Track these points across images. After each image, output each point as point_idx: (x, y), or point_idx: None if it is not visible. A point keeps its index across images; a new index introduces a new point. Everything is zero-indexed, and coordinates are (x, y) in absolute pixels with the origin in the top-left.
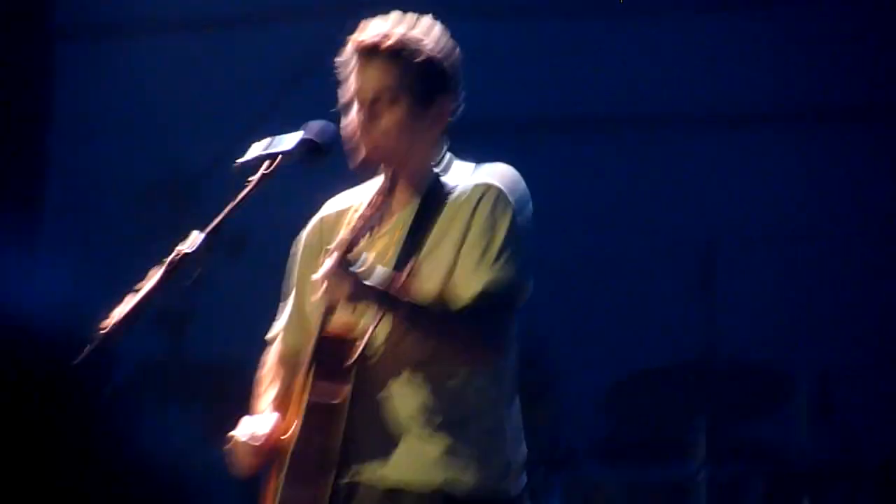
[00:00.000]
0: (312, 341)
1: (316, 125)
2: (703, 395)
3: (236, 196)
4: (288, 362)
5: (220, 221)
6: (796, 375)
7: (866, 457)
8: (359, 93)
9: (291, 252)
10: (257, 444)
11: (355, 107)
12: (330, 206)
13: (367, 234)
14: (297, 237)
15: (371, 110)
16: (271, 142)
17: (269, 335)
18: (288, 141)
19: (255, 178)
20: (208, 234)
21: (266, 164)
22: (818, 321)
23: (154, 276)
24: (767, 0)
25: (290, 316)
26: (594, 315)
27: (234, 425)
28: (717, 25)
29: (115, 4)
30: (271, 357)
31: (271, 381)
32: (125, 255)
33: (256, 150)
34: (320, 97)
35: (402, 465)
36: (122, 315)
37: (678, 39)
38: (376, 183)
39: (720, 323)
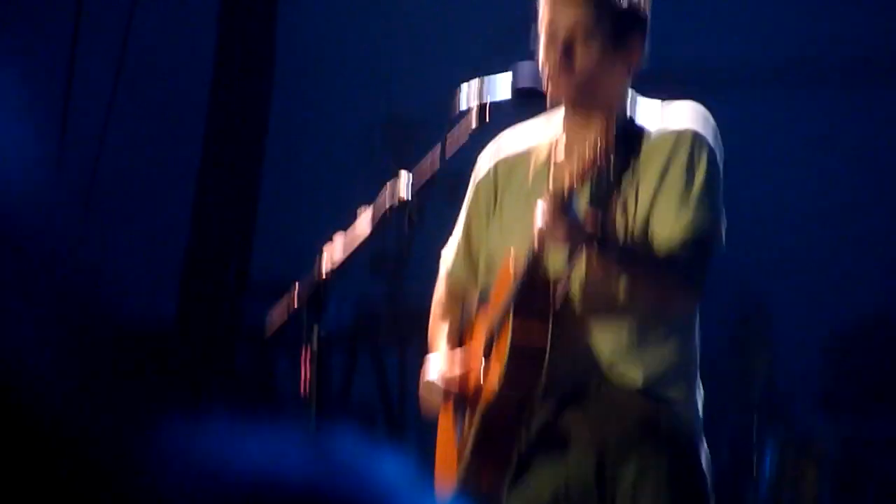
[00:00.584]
0: (506, 281)
1: (525, 67)
2: None
3: (450, 141)
4: (456, 293)
5: (435, 172)
6: None
7: None
8: (553, 30)
9: (470, 184)
10: (453, 385)
11: (549, 44)
12: (505, 148)
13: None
14: (476, 170)
15: (565, 48)
16: (482, 84)
17: (443, 258)
18: (501, 86)
19: (470, 124)
20: (423, 185)
21: (480, 113)
22: None
23: (365, 217)
24: None
25: (458, 251)
26: (817, 265)
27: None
28: None
29: None
30: (443, 283)
31: (443, 313)
32: (344, 198)
33: (467, 93)
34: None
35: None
36: (337, 258)
37: None
38: (551, 120)
39: None
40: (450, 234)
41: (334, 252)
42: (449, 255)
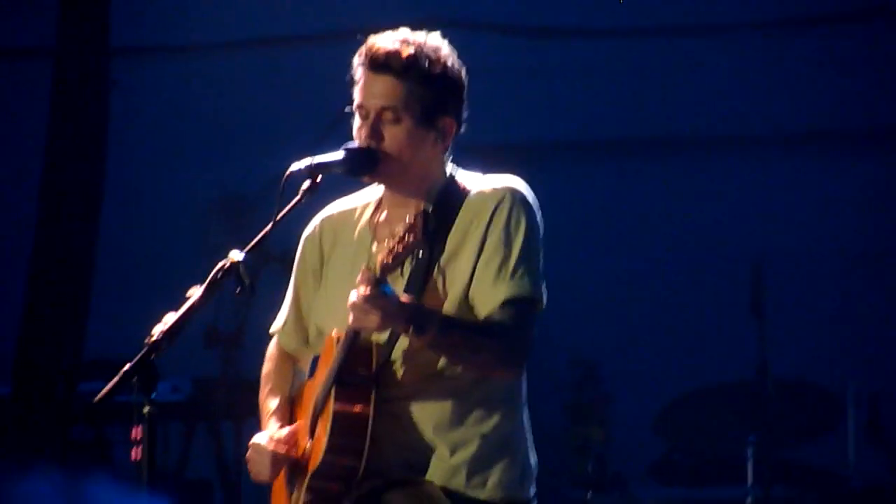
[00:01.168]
0: (330, 349)
1: (355, 147)
2: (754, 416)
3: (281, 208)
4: (286, 362)
5: (265, 233)
6: (847, 396)
7: None
8: (361, 108)
9: (299, 249)
10: (279, 453)
11: (360, 125)
12: (333, 207)
13: (404, 261)
14: (303, 236)
15: (374, 125)
16: (312, 161)
17: (273, 328)
18: (332, 154)
19: (303, 187)
20: (253, 245)
21: (311, 176)
22: (868, 342)
23: (196, 293)
24: (813, 20)
25: (287, 317)
26: (645, 336)
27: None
28: (765, 44)
29: (171, 26)
30: (272, 354)
31: (273, 387)
32: (178, 278)
33: (300, 163)
34: None
35: (429, 473)
36: (165, 327)
37: (728, 60)
38: (376, 188)
39: (771, 344)
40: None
41: (165, 321)
42: (281, 318)
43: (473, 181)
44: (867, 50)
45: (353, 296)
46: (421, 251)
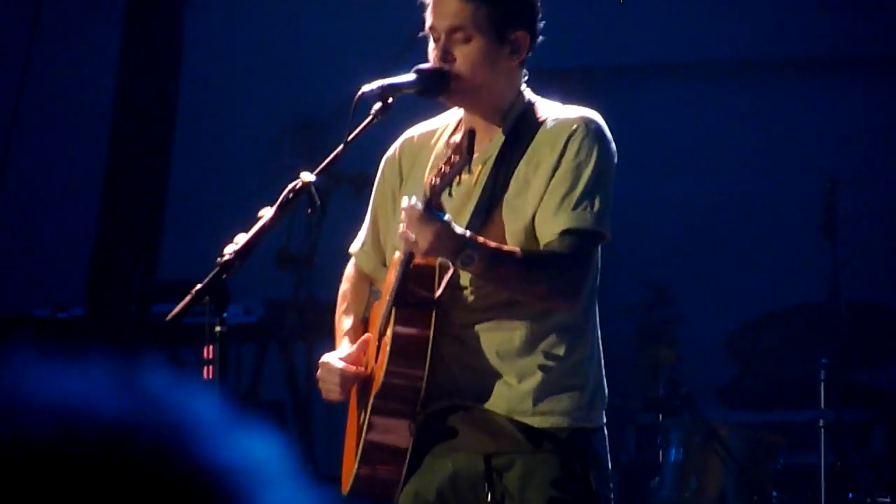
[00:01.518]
0: (394, 268)
1: (426, 67)
2: (826, 339)
3: (352, 129)
4: (363, 282)
5: (337, 154)
6: None
7: None
8: (432, 29)
9: (379, 170)
10: (349, 372)
11: (434, 45)
12: (414, 130)
13: (451, 182)
14: (384, 157)
15: (445, 47)
16: (384, 82)
17: (352, 248)
18: (403, 75)
19: (374, 108)
20: (324, 167)
21: (382, 97)
22: None
23: (267, 213)
24: None
25: (366, 238)
26: (716, 258)
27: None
28: None
29: None
30: (349, 274)
31: (348, 307)
32: (250, 201)
33: (370, 84)
34: None
35: (497, 398)
36: (237, 247)
37: None
38: (458, 111)
39: (843, 267)
40: (357, 232)
41: (237, 242)
42: (360, 238)
43: (550, 110)
44: None
45: (404, 217)
46: (468, 170)
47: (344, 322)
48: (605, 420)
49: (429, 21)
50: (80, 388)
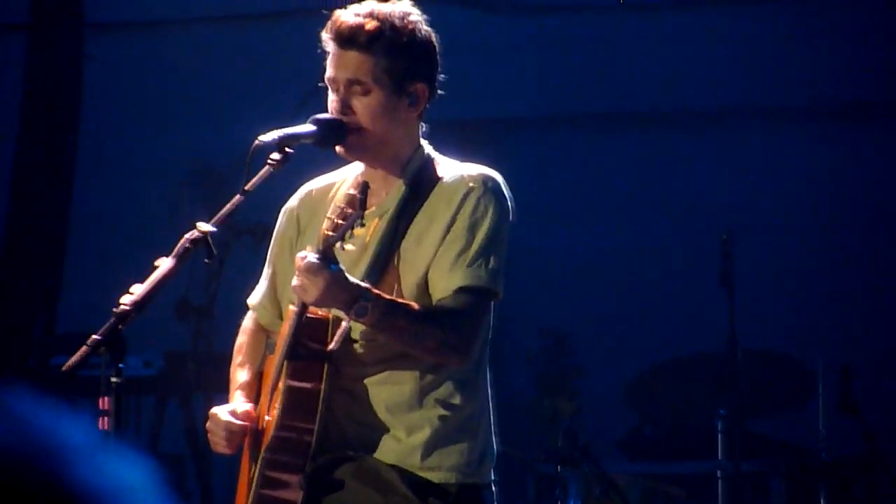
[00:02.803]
0: (288, 321)
1: (324, 117)
2: (724, 389)
3: (249, 179)
4: (260, 335)
5: (234, 203)
6: (817, 369)
7: (887, 451)
8: (332, 81)
9: (277, 222)
10: (235, 425)
11: (331, 91)
12: (314, 183)
13: (345, 235)
14: (282, 209)
15: (343, 99)
16: (281, 132)
17: (250, 300)
18: (300, 128)
19: (272, 159)
20: (221, 217)
21: (280, 147)
22: (839, 314)
23: (164, 263)
24: None
25: (264, 289)
26: (615, 308)
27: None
28: (734, 18)
29: (145, 1)
30: (246, 327)
31: (243, 360)
32: (154, 250)
33: (269, 134)
34: None
35: (386, 452)
36: (133, 297)
37: (698, 34)
38: (358, 164)
39: (741, 316)
40: (256, 284)
41: (133, 292)
42: (257, 291)
43: (448, 166)
44: (833, 26)
45: (297, 265)
46: (360, 223)
47: (238, 375)
48: (493, 477)
49: (329, 72)
50: None
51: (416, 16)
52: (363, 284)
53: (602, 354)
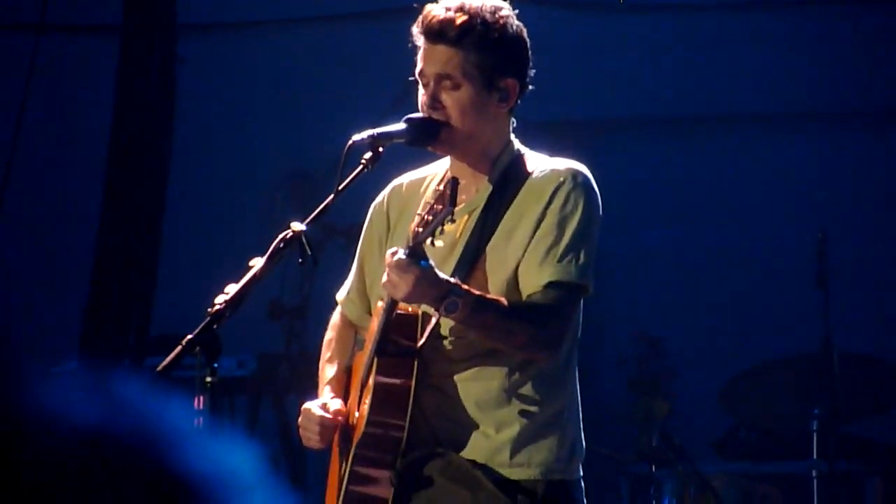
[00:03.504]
0: (377, 317)
1: (416, 117)
2: (819, 391)
3: (343, 178)
4: (348, 330)
5: (327, 203)
6: None
7: None
8: (422, 76)
9: (367, 218)
10: (328, 420)
11: (423, 92)
12: (404, 178)
13: (434, 231)
14: (372, 205)
15: (433, 94)
16: (374, 131)
17: (338, 295)
18: (394, 125)
19: (365, 158)
20: (314, 216)
21: (373, 146)
22: None
23: (258, 263)
24: None
25: (352, 285)
26: (710, 311)
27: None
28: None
29: (238, 2)
30: (335, 322)
31: (332, 355)
32: (247, 253)
33: (361, 133)
34: None
35: (474, 449)
36: (227, 297)
37: (794, 33)
38: (447, 160)
39: (835, 318)
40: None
41: (227, 292)
42: (346, 286)
43: (538, 162)
44: None
45: (387, 261)
46: (450, 219)
47: (327, 370)
48: (581, 472)
49: (419, 66)
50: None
51: (507, 10)
52: (452, 280)
53: (695, 357)
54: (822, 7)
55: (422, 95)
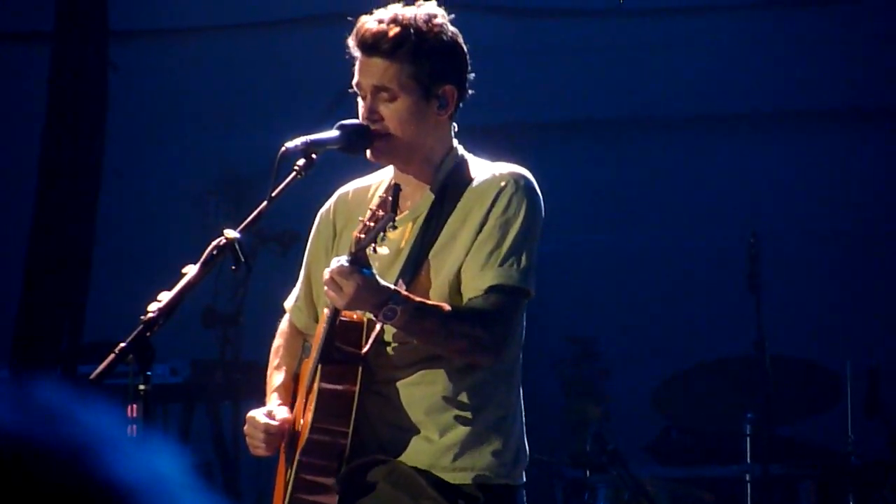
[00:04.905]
0: (322, 323)
1: (349, 123)
2: (752, 393)
3: (276, 185)
4: (296, 338)
5: (261, 210)
6: (844, 373)
7: None
8: (359, 87)
9: (314, 226)
10: (273, 427)
11: (362, 102)
12: (349, 186)
13: (376, 237)
14: (319, 212)
15: (371, 106)
16: (307, 138)
17: (286, 303)
18: (326, 134)
19: (298, 165)
20: (248, 223)
21: (306, 153)
22: (867, 317)
23: (191, 270)
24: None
25: (299, 293)
26: (643, 313)
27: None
28: (760, 22)
29: (169, 8)
30: (283, 330)
31: (279, 362)
32: (180, 258)
33: (294, 143)
34: None
35: (418, 454)
36: (161, 304)
37: (725, 37)
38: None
39: (767, 320)
40: (284, 290)
41: (160, 299)
42: (294, 294)
43: (480, 167)
44: (863, 29)
45: (326, 272)
46: (392, 226)
47: (275, 377)
48: (524, 479)
49: (355, 78)
50: None
51: (442, 17)
52: (392, 287)
53: (629, 359)
54: (756, 9)
55: (360, 108)
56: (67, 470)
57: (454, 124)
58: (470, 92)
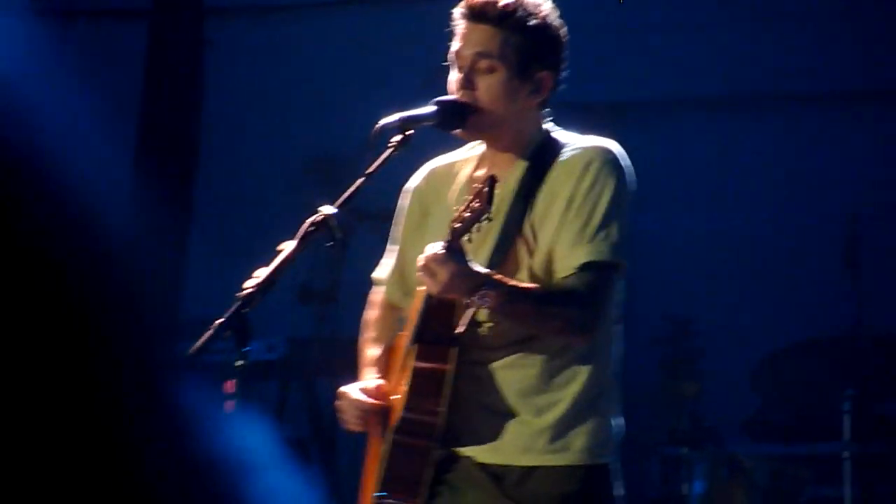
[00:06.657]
0: (417, 301)
1: (446, 99)
2: (850, 371)
3: (372, 162)
4: (389, 311)
5: (357, 186)
6: None
7: None
8: (458, 56)
9: (400, 201)
10: (366, 404)
11: (456, 74)
12: (438, 161)
13: (471, 228)
14: (406, 186)
15: (468, 75)
16: (403, 115)
17: (376, 275)
18: (423, 107)
19: (393, 141)
20: (344, 200)
21: (402, 129)
22: None
23: (287, 247)
24: None
25: (393, 269)
26: (740, 291)
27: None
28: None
29: None
30: (375, 302)
31: (373, 336)
32: (277, 237)
33: (389, 117)
34: None
35: (514, 437)
36: (257, 281)
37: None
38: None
39: (866, 298)
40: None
41: (257, 276)
42: (385, 267)
43: (568, 140)
44: None
45: (421, 258)
46: (487, 218)
47: (368, 351)
48: (617, 457)
49: (455, 47)
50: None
51: (549, 5)
52: (485, 272)
53: (727, 338)
54: None
55: (454, 80)
56: (162, 445)
57: (545, 111)
58: (562, 85)
